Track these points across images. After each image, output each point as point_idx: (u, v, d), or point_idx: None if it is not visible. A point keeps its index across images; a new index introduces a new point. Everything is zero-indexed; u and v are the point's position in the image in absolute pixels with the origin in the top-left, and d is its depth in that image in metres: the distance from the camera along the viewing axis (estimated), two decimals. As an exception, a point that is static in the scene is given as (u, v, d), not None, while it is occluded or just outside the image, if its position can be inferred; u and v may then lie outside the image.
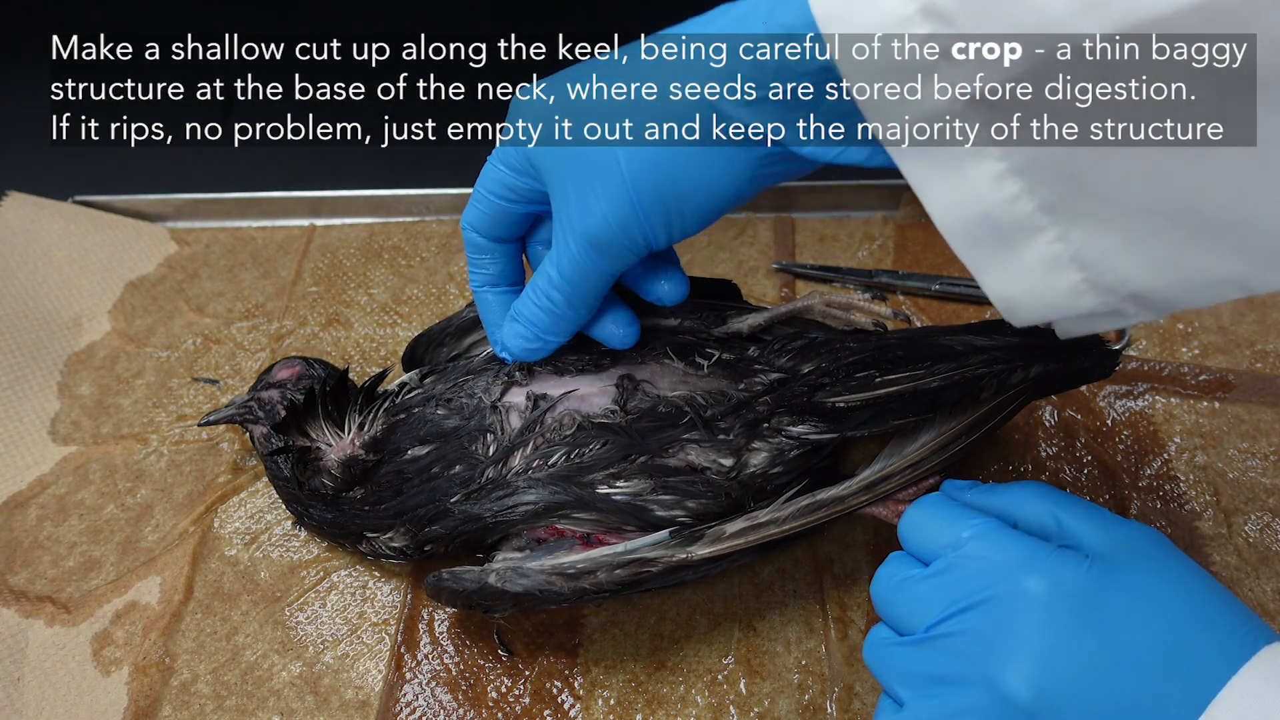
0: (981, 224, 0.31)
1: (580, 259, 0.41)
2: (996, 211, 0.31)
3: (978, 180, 0.30)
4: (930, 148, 0.30)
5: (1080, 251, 0.31)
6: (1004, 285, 0.33)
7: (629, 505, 0.45)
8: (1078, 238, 0.31)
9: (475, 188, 0.44)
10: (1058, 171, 0.30)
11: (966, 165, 0.30)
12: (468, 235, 0.46)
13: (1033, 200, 0.30)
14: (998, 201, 0.31)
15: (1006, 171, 0.30)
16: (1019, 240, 0.31)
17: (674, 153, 0.37)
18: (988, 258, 0.32)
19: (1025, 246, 0.31)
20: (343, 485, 0.49)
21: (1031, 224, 0.31)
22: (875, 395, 0.46)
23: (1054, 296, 0.32)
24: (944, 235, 0.32)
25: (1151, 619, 0.32)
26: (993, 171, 0.30)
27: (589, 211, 0.39)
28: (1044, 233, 0.31)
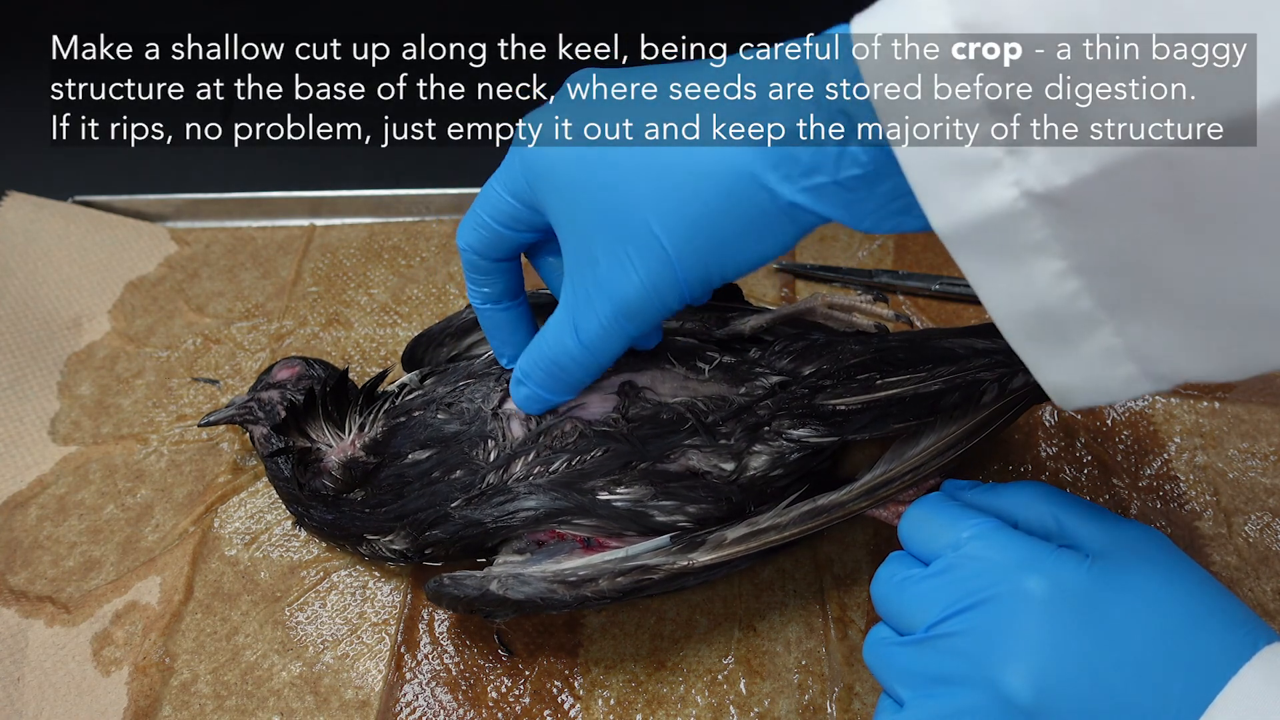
0: (1039, 319, 0.31)
1: (609, 327, 0.39)
2: (1055, 307, 0.30)
3: (1037, 277, 0.30)
4: (988, 242, 0.30)
5: (1138, 346, 0.31)
6: (1060, 376, 0.32)
7: (630, 511, 0.45)
8: (1136, 332, 0.30)
9: (474, 211, 0.43)
10: (1118, 269, 0.29)
11: (1026, 262, 0.30)
12: (466, 256, 0.44)
13: (1092, 297, 0.30)
14: (1057, 298, 0.30)
15: (1067, 270, 0.29)
16: (1077, 335, 0.31)
17: (716, 220, 0.35)
18: (1045, 351, 0.32)
19: (1083, 341, 0.31)
20: (343, 487, 0.49)
21: (1090, 319, 0.30)
22: (876, 398, 0.46)
23: (1109, 385, 0.32)
24: (1000, 328, 0.32)
25: (1152, 619, 0.32)
26: (1053, 270, 0.30)
27: (625, 281, 0.37)
28: (1102, 327, 0.30)
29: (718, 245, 0.36)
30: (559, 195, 0.38)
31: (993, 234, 0.30)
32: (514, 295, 0.46)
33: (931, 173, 0.30)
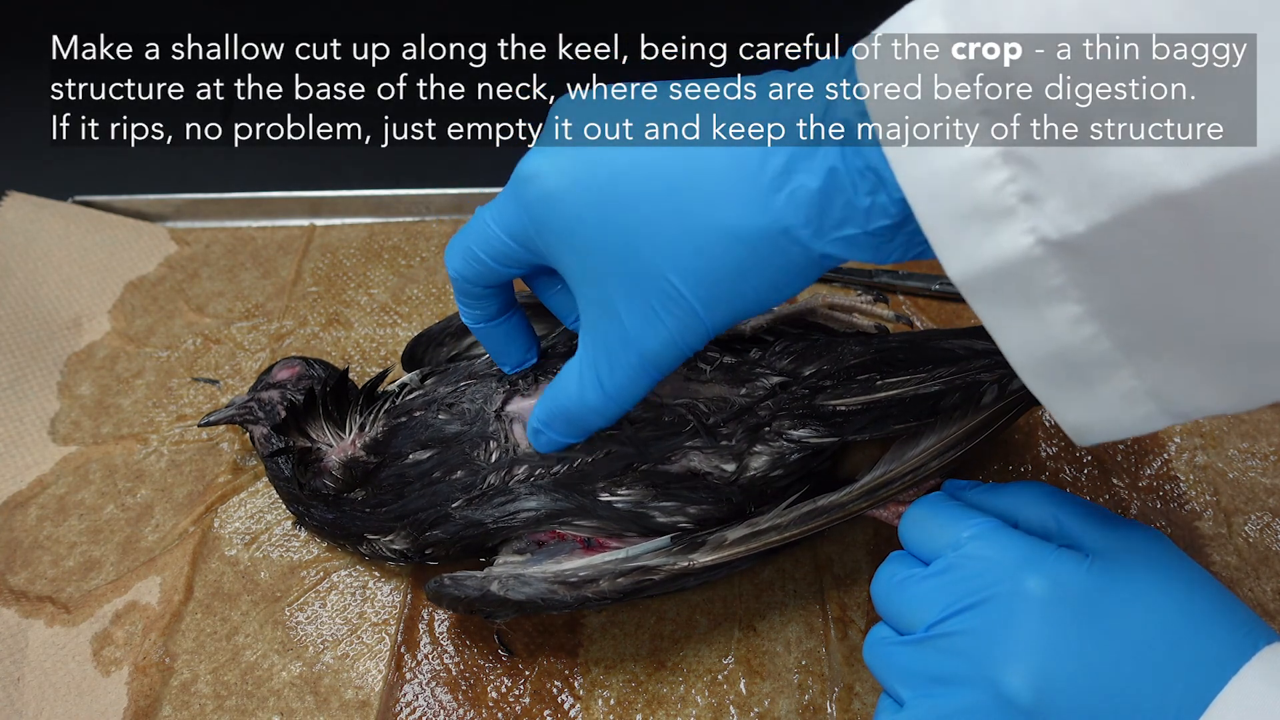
0: (1058, 362, 0.31)
1: (636, 378, 0.38)
2: (1072, 351, 0.30)
3: (1055, 323, 0.30)
4: (1005, 288, 0.30)
5: (1157, 386, 0.30)
6: (1078, 417, 0.32)
7: (630, 512, 0.45)
8: (1155, 373, 0.30)
9: (466, 244, 0.41)
10: (1135, 312, 0.29)
11: (1043, 308, 0.30)
12: (457, 284, 0.43)
13: (1110, 340, 0.30)
14: (1075, 342, 0.30)
15: (1084, 315, 0.29)
16: (1095, 377, 0.31)
17: (744, 276, 0.35)
18: (1063, 394, 0.32)
19: (1101, 382, 0.31)
20: (344, 487, 0.49)
21: (1109, 361, 0.30)
22: (876, 399, 0.46)
23: (1128, 423, 0.32)
24: (1018, 372, 0.32)
25: (1152, 619, 0.32)
26: (1070, 314, 0.29)
27: (653, 335, 0.37)
28: (1121, 369, 0.30)
29: (744, 295, 0.36)
30: (571, 248, 0.37)
31: (1009, 281, 0.30)
32: (507, 311, 0.45)
33: (946, 220, 0.30)
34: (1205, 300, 0.28)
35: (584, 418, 0.41)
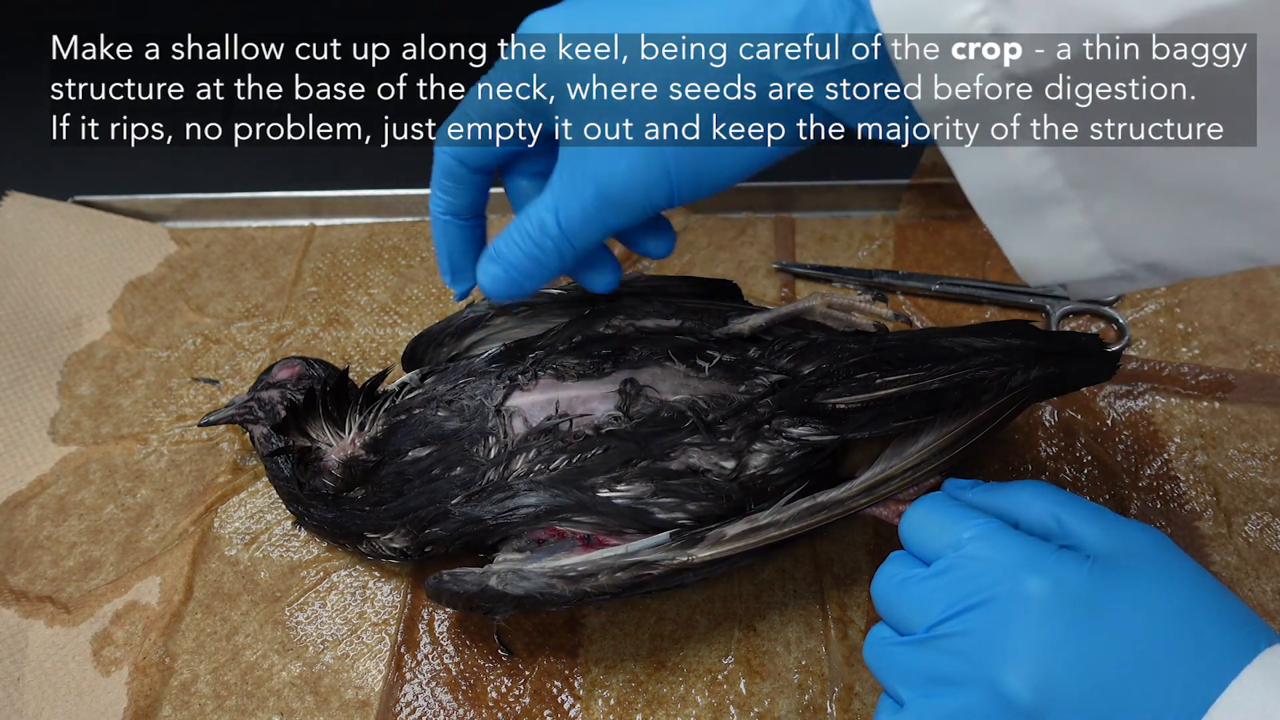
0: (1011, 194, 0.32)
1: (589, 212, 0.38)
2: (1027, 184, 0.32)
3: (1012, 155, 0.31)
4: (968, 124, 0.31)
5: (1103, 223, 0.32)
6: (1026, 250, 0.34)
7: (630, 508, 0.45)
8: (1101, 210, 0.32)
9: (464, 112, 0.41)
10: (1090, 151, 0.30)
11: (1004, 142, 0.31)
12: (445, 162, 0.42)
13: (1063, 176, 0.31)
14: (1030, 175, 0.32)
15: (1041, 149, 0.31)
16: (1045, 210, 0.32)
17: (714, 116, 0.35)
18: (1013, 224, 0.33)
19: (1051, 216, 0.32)
20: (343, 486, 0.49)
21: (1059, 196, 0.32)
22: (876, 397, 0.46)
23: (1073, 261, 0.33)
24: (971, 200, 0.33)
25: (1152, 620, 0.32)
26: (1029, 149, 0.31)
27: (613, 167, 0.37)
28: (1070, 204, 0.32)
29: (711, 137, 0.36)
30: (573, 91, 0.37)
31: (973, 113, 0.31)
32: (478, 212, 0.44)
33: (917, 55, 0.31)
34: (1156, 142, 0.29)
35: (539, 247, 0.40)
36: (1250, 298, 0.61)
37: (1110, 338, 0.61)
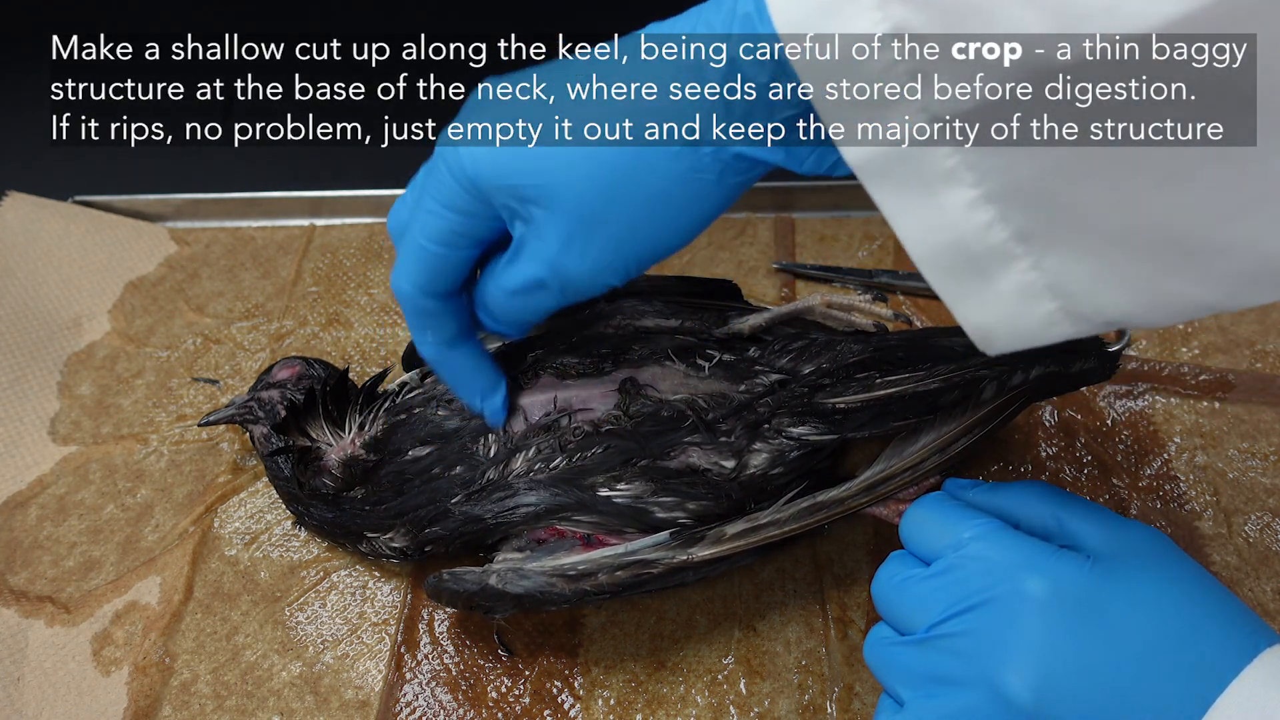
0: (954, 252, 0.31)
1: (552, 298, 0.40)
2: (969, 239, 0.30)
3: (950, 207, 0.30)
4: (899, 172, 0.30)
5: (1055, 280, 0.30)
6: (978, 314, 0.32)
7: (630, 507, 0.45)
8: (1052, 266, 0.30)
9: (413, 244, 0.41)
10: (1030, 198, 0.29)
11: (938, 192, 0.30)
12: (412, 302, 0.42)
13: (1006, 228, 0.30)
14: (970, 229, 0.30)
15: (979, 199, 0.29)
16: (993, 268, 0.31)
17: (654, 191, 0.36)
18: (961, 287, 0.32)
19: (999, 275, 0.31)
20: (343, 485, 0.49)
21: (1005, 252, 0.30)
22: (876, 396, 0.46)
23: (1029, 325, 0.32)
24: (916, 264, 0.32)
25: (1152, 620, 0.32)
26: (965, 198, 0.29)
27: (581, 263, 0.38)
28: (1018, 261, 0.30)
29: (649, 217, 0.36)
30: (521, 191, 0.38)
31: (903, 163, 0.30)
32: (467, 334, 0.44)
33: (838, 103, 0.30)
34: (1097, 186, 0.28)
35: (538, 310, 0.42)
36: (1250, 298, 0.61)
37: (1110, 338, 0.60)
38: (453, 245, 0.40)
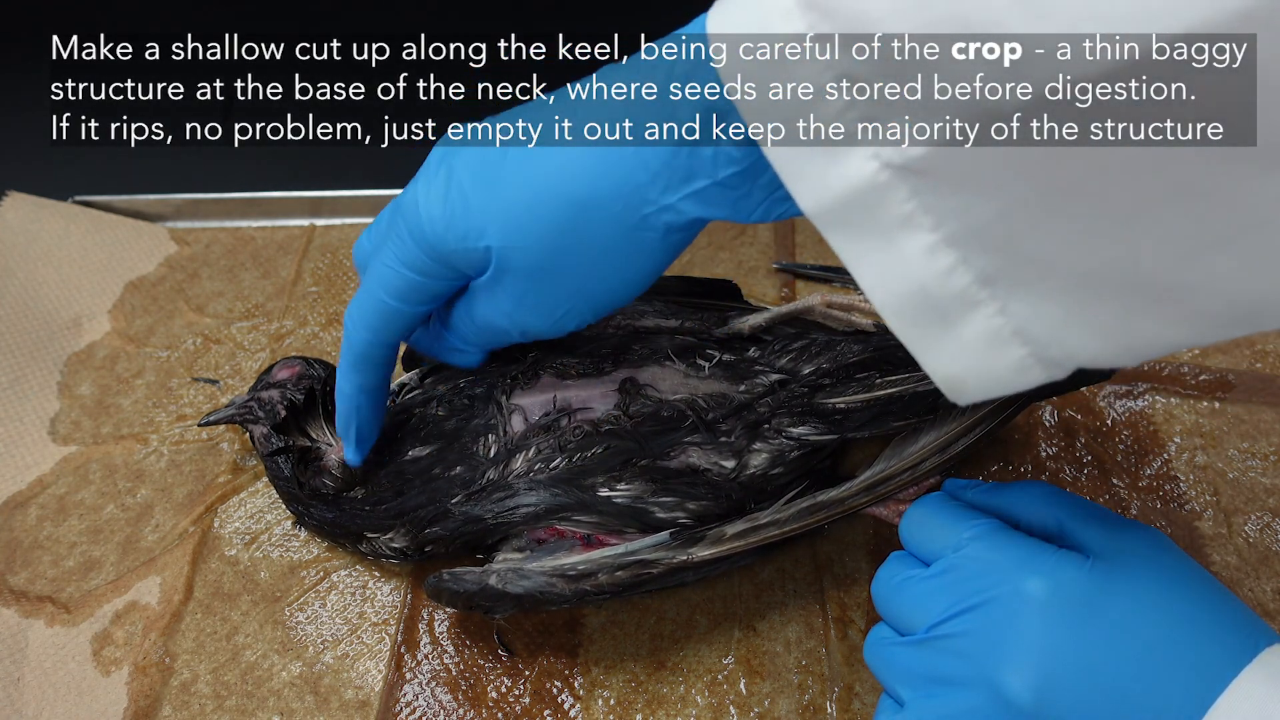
0: (917, 299, 0.30)
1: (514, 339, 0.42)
2: (931, 285, 0.29)
3: (910, 253, 0.29)
4: (857, 218, 0.29)
5: (1023, 325, 0.30)
6: (945, 364, 0.31)
7: (630, 507, 0.45)
8: (1019, 311, 0.29)
9: (374, 297, 0.42)
10: (992, 241, 0.28)
11: (896, 237, 0.29)
12: (365, 350, 0.43)
13: (969, 272, 0.29)
14: (932, 275, 0.29)
15: (939, 243, 0.29)
16: (957, 315, 0.30)
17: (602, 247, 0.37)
18: (926, 335, 0.31)
19: (964, 322, 0.30)
20: (343, 485, 0.50)
21: (969, 298, 0.29)
22: (876, 396, 0.46)
23: (999, 373, 0.31)
24: (882, 315, 0.31)
25: (1152, 621, 0.32)
26: (925, 243, 0.29)
27: (535, 316, 0.40)
28: (983, 306, 0.29)
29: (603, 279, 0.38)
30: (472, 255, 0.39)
31: (859, 210, 0.29)
32: (386, 383, 0.46)
33: (791, 153, 0.29)
34: (1058, 230, 0.27)
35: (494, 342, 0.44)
36: (1250, 298, 0.61)
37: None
38: (409, 301, 0.41)
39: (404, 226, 0.40)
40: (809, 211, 0.30)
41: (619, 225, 0.36)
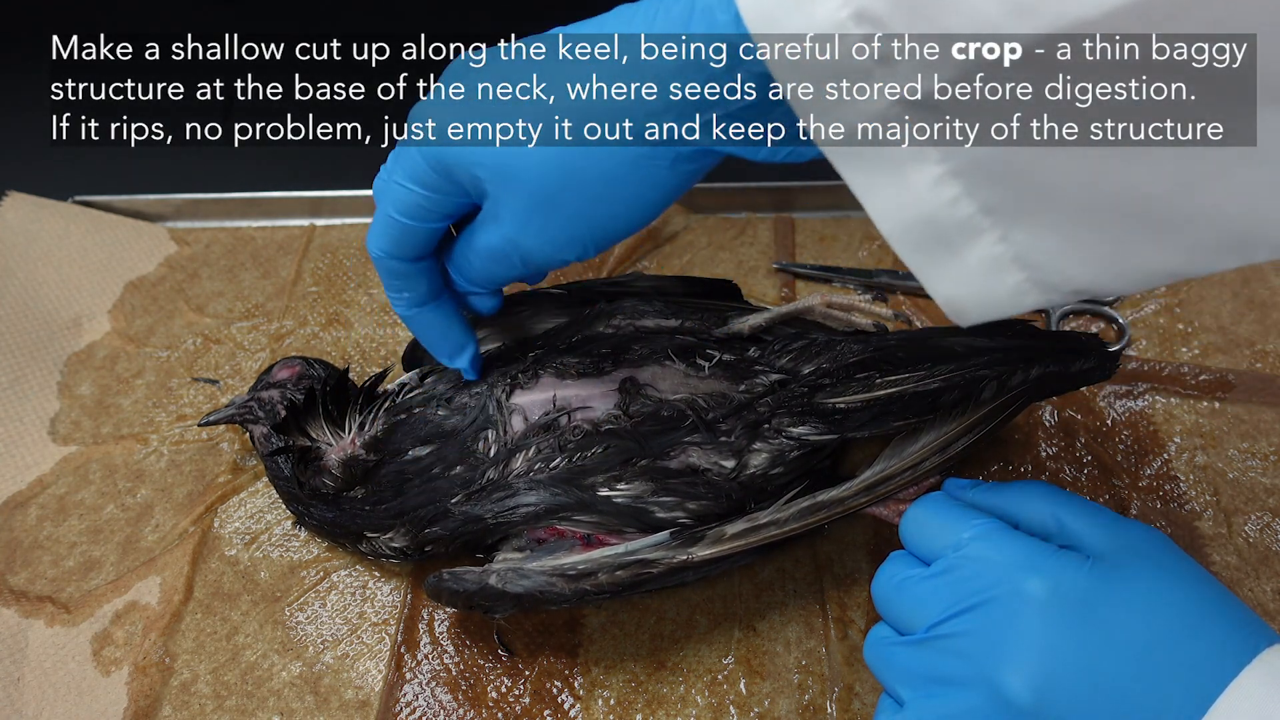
0: (923, 227, 0.31)
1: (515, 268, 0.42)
2: (937, 214, 0.31)
3: (917, 184, 0.30)
4: (868, 151, 0.30)
5: (1022, 252, 0.31)
6: (948, 287, 0.33)
7: (630, 507, 0.45)
8: (1019, 239, 0.31)
9: (382, 214, 0.42)
10: (997, 173, 0.29)
11: (906, 169, 0.30)
12: (383, 263, 0.43)
13: (973, 202, 0.30)
14: (938, 204, 0.30)
15: (946, 174, 0.30)
16: (961, 242, 0.31)
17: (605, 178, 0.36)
18: (930, 261, 0.32)
19: (967, 248, 0.31)
20: (343, 485, 0.49)
21: (973, 226, 0.31)
22: (876, 396, 0.46)
23: (998, 296, 0.32)
24: (887, 239, 0.32)
25: (1152, 620, 0.32)
26: (932, 175, 0.30)
27: (538, 241, 0.39)
28: (986, 234, 0.31)
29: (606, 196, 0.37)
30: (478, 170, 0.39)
31: (869, 142, 0.30)
32: (438, 294, 0.46)
33: (805, 84, 0.30)
34: (1062, 159, 0.28)
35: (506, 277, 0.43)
36: (1250, 297, 0.61)
37: (1110, 338, 0.61)
38: (420, 218, 0.41)
39: (413, 146, 0.40)
40: (822, 143, 0.31)
41: (625, 153, 0.36)
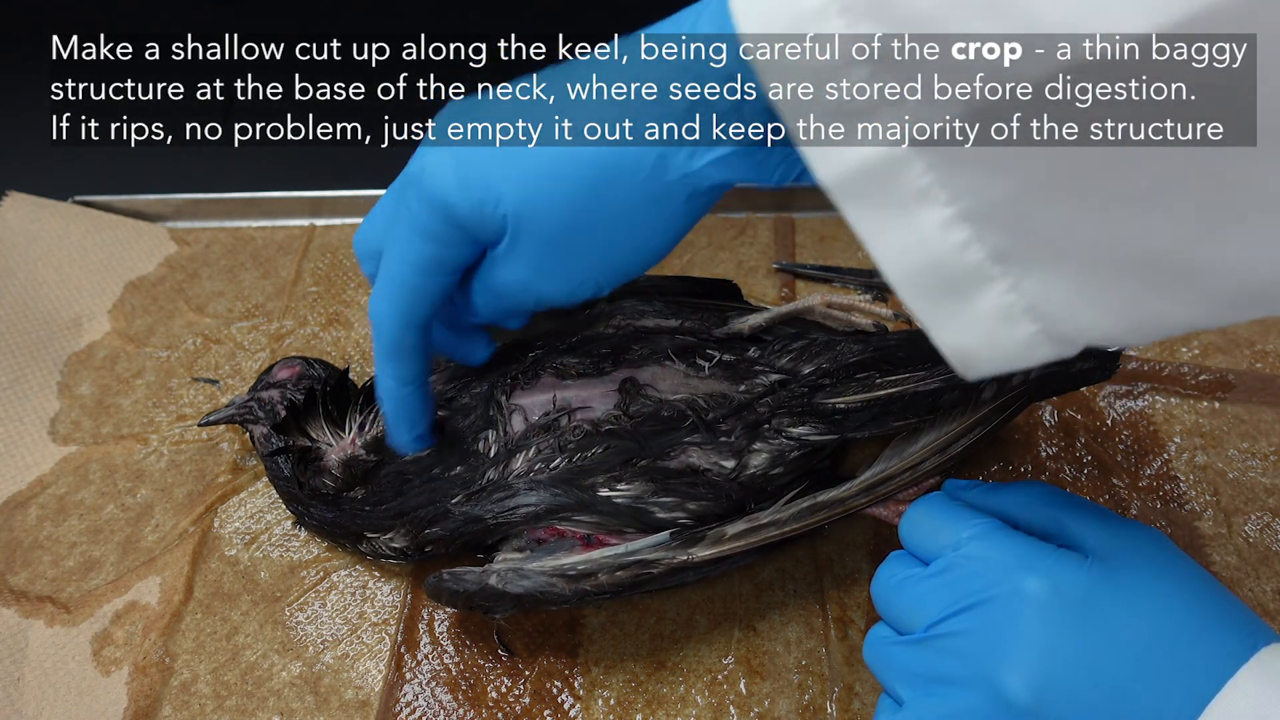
0: (930, 273, 0.30)
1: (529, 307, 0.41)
2: (945, 260, 0.29)
3: (925, 226, 0.29)
4: (872, 187, 0.29)
5: (1035, 302, 0.30)
6: (956, 338, 0.31)
7: (630, 508, 0.45)
8: (1031, 288, 0.29)
9: (393, 271, 0.40)
10: (1007, 218, 0.28)
11: (912, 211, 0.29)
12: (393, 333, 0.42)
13: (983, 248, 0.29)
14: (946, 249, 0.29)
15: (954, 217, 0.29)
16: (970, 290, 0.30)
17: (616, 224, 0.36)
18: (938, 309, 0.31)
19: (977, 297, 0.30)
20: (343, 485, 0.50)
21: (982, 273, 0.29)
22: (876, 396, 0.46)
23: (1009, 348, 0.31)
24: (893, 287, 0.31)
25: (1151, 620, 0.32)
26: (940, 217, 0.29)
27: (552, 284, 0.39)
28: (996, 283, 0.29)
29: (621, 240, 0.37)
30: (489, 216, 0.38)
31: (875, 182, 0.29)
32: (428, 371, 0.45)
33: (810, 122, 0.29)
34: (1068, 206, 0.28)
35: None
36: (1250, 298, 0.61)
37: (1110, 338, 0.60)
38: (430, 274, 0.40)
39: (415, 197, 0.38)
40: (826, 182, 0.30)
41: (641, 193, 0.35)
